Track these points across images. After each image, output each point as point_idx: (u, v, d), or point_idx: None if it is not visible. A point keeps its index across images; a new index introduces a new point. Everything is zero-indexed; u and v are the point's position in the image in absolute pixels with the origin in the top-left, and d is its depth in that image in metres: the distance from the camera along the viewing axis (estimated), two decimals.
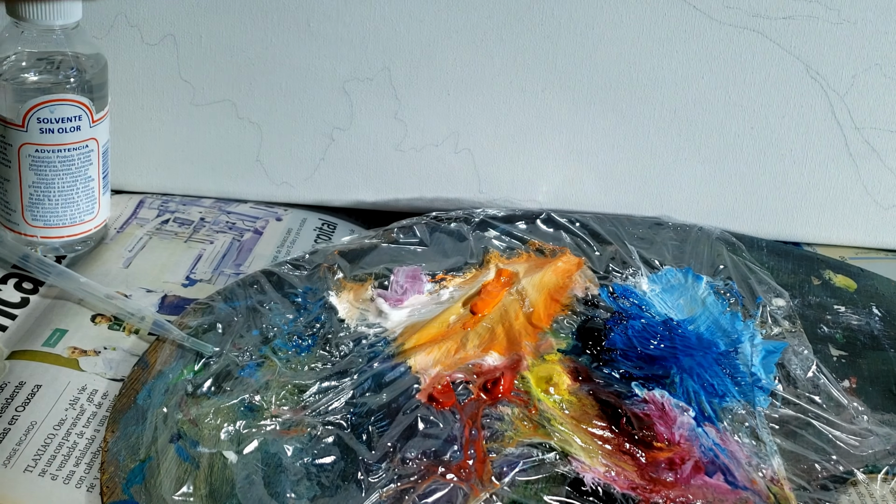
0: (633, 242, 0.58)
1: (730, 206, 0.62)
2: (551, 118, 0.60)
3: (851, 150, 0.60)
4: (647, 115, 0.60)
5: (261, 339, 0.49)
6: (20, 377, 0.47)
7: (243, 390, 0.46)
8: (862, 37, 0.57)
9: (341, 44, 0.59)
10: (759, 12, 0.57)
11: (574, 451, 0.44)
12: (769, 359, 0.50)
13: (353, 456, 0.44)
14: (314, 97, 0.60)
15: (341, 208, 0.64)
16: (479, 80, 0.59)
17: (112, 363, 0.49)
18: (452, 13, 0.58)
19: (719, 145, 0.61)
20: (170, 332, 0.49)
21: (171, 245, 0.58)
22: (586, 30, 0.58)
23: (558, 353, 0.50)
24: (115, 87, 0.59)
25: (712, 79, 0.59)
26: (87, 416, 0.46)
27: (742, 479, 0.44)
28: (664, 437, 0.45)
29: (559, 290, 0.54)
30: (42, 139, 0.52)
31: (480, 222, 0.59)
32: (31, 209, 0.54)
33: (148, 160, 0.62)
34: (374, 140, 0.61)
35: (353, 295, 0.53)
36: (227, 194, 0.63)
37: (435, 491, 0.42)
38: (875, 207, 0.62)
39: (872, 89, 0.59)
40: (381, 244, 0.56)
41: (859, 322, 0.54)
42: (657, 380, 0.48)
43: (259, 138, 0.61)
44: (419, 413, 0.46)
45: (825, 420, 0.47)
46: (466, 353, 0.49)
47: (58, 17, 0.51)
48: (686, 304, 0.54)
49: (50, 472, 0.43)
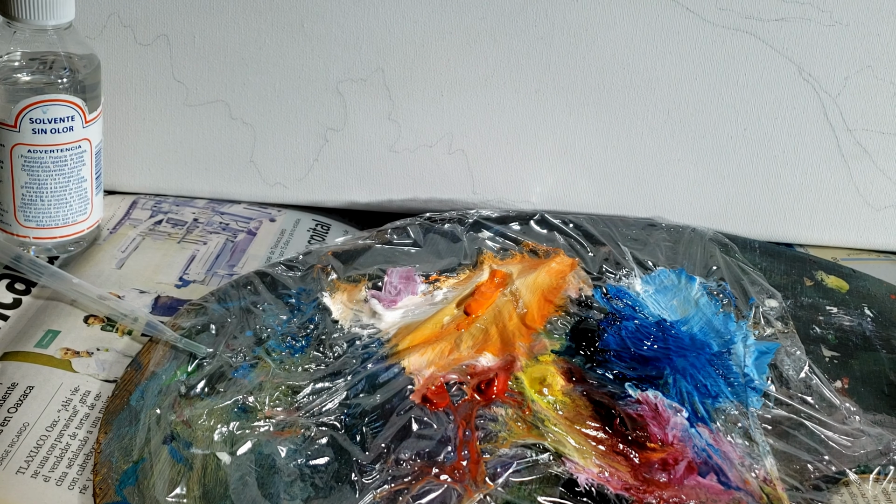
0: (627, 243, 0.58)
1: (723, 207, 0.62)
2: (545, 119, 0.60)
3: (843, 152, 0.60)
4: (641, 116, 0.60)
5: (254, 340, 0.49)
6: (12, 378, 0.47)
7: (237, 391, 0.46)
8: (854, 39, 0.58)
9: (335, 44, 0.59)
10: (751, 14, 0.57)
11: (568, 451, 0.44)
12: (762, 359, 0.50)
13: (346, 457, 0.44)
14: (308, 98, 0.60)
15: (335, 209, 0.64)
16: (472, 81, 0.60)
17: (105, 364, 0.49)
18: (446, 14, 0.58)
19: (712, 146, 0.61)
20: (163, 333, 0.49)
21: (164, 246, 0.58)
22: (580, 31, 0.58)
23: (552, 353, 0.50)
24: (109, 87, 0.59)
25: (705, 80, 0.59)
26: (79, 417, 0.46)
27: (735, 479, 0.44)
28: (657, 437, 0.45)
29: (553, 291, 0.54)
30: (35, 139, 0.52)
31: (474, 223, 0.59)
32: (23, 210, 0.54)
33: (141, 161, 0.62)
34: (367, 141, 0.61)
35: (346, 296, 0.53)
36: (220, 195, 0.63)
37: (429, 492, 0.42)
38: (867, 209, 0.62)
39: (864, 91, 0.59)
40: (374, 245, 0.56)
41: (851, 323, 0.54)
42: (650, 380, 0.48)
43: (253, 139, 0.61)
44: (413, 414, 0.46)
45: (817, 420, 0.47)
46: (460, 354, 0.50)
47: (50, 17, 0.51)
48: (679, 305, 0.54)
49: (42, 474, 0.43)
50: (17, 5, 0.50)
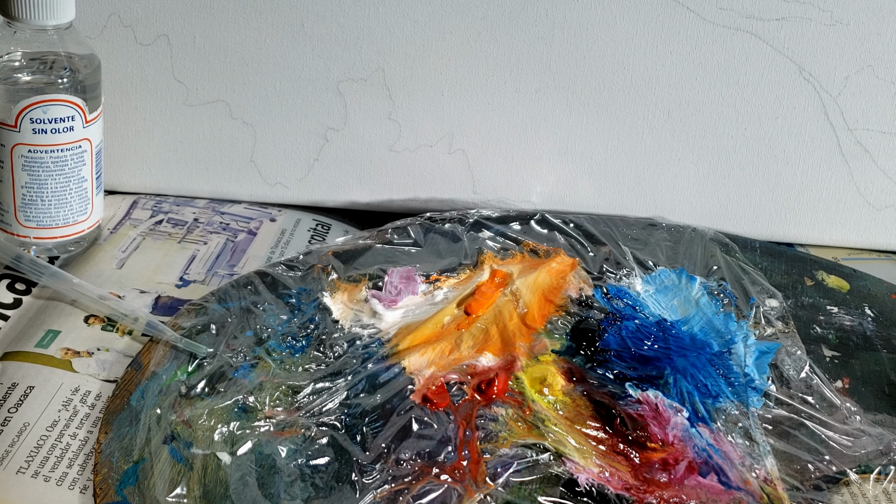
0: (627, 243, 0.58)
1: (723, 206, 0.62)
2: (545, 119, 0.60)
3: (844, 151, 0.60)
4: (641, 116, 0.60)
5: (255, 340, 0.49)
6: (13, 378, 0.47)
7: (237, 391, 0.46)
8: (855, 38, 0.58)
9: (335, 44, 0.59)
10: (752, 14, 0.57)
11: (568, 451, 0.44)
12: (762, 359, 0.50)
13: (347, 457, 0.44)
14: (308, 98, 0.60)
15: (335, 209, 0.64)
16: (473, 80, 0.60)
17: (105, 364, 0.49)
18: (446, 14, 0.58)
19: (713, 146, 0.61)
20: (163, 333, 0.49)
21: (164, 246, 0.58)
22: (580, 31, 0.58)
23: (552, 353, 0.50)
24: (109, 87, 0.59)
25: (706, 80, 0.59)
26: (80, 417, 0.46)
27: (735, 479, 0.44)
28: (658, 437, 0.45)
29: (553, 291, 0.54)
30: (35, 139, 0.52)
31: (474, 223, 0.59)
32: (23, 210, 0.54)
33: (141, 161, 0.62)
34: (368, 140, 0.61)
35: (347, 296, 0.53)
36: (220, 195, 0.63)
37: (429, 492, 0.42)
38: (868, 208, 0.62)
39: (865, 91, 0.59)
40: (375, 245, 0.56)
41: (852, 323, 0.54)
42: (651, 380, 0.48)
43: (253, 139, 0.61)
44: (413, 414, 0.46)
45: (818, 420, 0.47)
46: (461, 353, 0.49)
47: (51, 17, 0.51)
48: (680, 305, 0.54)
49: (43, 474, 0.43)
50: (18, 5, 0.50)
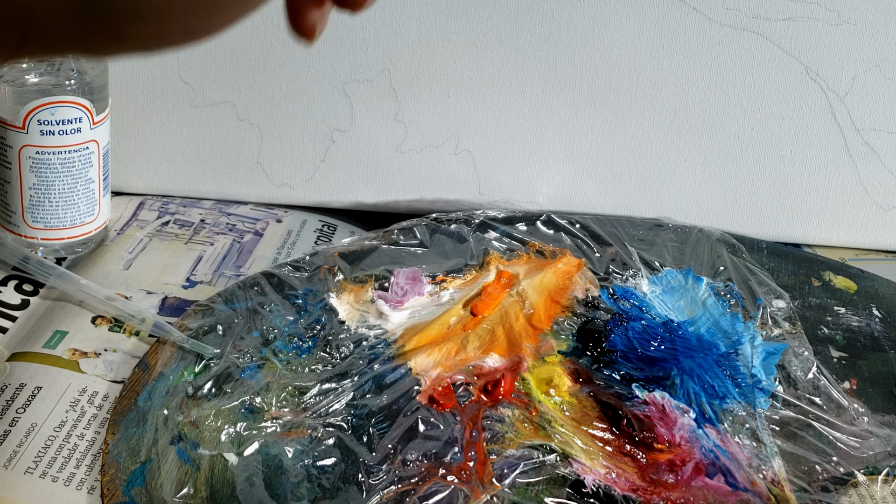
0: (634, 244, 0.58)
1: (730, 207, 0.62)
2: (551, 120, 0.60)
3: (851, 152, 0.60)
4: (647, 116, 0.60)
5: (261, 341, 0.49)
6: (20, 379, 0.47)
7: (244, 392, 0.46)
8: (862, 38, 0.57)
9: (341, 45, 0.59)
10: (758, 14, 0.57)
11: (575, 452, 0.44)
12: (769, 360, 0.50)
13: (353, 458, 0.44)
14: (314, 99, 0.60)
15: (341, 210, 0.64)
16: (479, 81, 0.59)
17: (112, 365, 0.49)
18: (452, 15, 0.58)
19: (719, 147, 0.61)
20: (170, 333, 0.49)
21: (171, 247, 0.58)
22: (586, 31, 0.58)
23: (559, 354, 0.50)
24: (116, 88, 0.59)
25: (712, 80, 0.59)
26: (87, 417, 0.46)
27: (743, 480, 0.44)
28: (665, 438, 0.45)
29: (559, 292, 0.54)
30: (42, 141, 0.52)
31: (480, 224, 0.59)
32: (31, 211, 0.54)
33: (148, 162, 0.62)
34: (374, 141, 0.61)
35: (353, 296, 0.53)
36: (227, 196, 0.63)
37: (435, 493, 0.42)
38: (875, 209, 0.62)
39: (872, 91, 0.59)
40: (381, 246, 0.56)
41: (859, 323, 0.54)
42: (658, 381, 0.48)
43: (259, 140, 0.61)
44: (420, 415, 0.46)
45: (825, 421, 0.47)
46: (467, 354, 0.49)
47: None
48: (686, 306, 0.54)
49: (50, 474, 0.43)
50: None
